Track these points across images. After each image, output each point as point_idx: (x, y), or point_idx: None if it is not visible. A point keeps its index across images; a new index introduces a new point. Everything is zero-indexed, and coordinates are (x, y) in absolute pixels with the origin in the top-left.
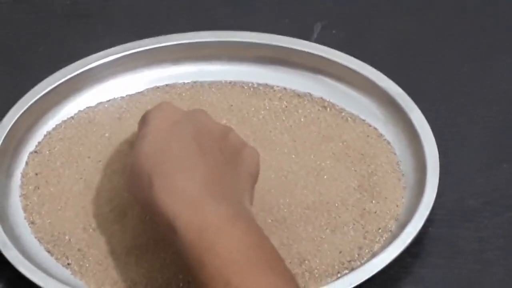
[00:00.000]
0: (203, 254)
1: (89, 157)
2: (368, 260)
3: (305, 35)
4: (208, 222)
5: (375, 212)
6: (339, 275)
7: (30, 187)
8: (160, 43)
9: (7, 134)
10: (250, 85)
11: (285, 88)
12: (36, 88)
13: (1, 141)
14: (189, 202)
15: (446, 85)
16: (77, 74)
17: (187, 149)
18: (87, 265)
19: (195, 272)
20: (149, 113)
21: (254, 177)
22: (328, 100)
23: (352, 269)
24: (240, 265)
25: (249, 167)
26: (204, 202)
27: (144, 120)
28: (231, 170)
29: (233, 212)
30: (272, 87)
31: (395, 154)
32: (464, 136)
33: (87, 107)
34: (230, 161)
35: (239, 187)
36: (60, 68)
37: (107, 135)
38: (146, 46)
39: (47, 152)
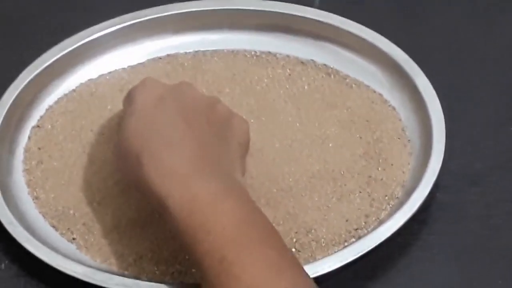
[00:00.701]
0: (196, 231)
1: (91, 130)
2: (375, 228)
3: (307, 1)
4: (199, 199)
5: (382, 179)
6: (346, 243)
7: (33, 162)
8: (161, 13)
9: (8, 109)
10: (252, 53)
11: (288, 56)
12: (37, 61)
13: (3, 116)
14: (179, 179)
15: (451, 49)
16: (78, 46)
17: (174, 125)
18: (92, 239)
19: (190, 250)
20: (133, 91)
21: (244, 147)
22: (332, 66)
23: (359, 238)
24: (234, 240)
25: (239, 137)
26: (194, 179)
27: (128, 98)
28: (220, 142)
29: (223, 187)
30: (275, 54)
31: (400, 120)
32: (470, 100)
33: (88, 80)
34: (219, 133)
35: (229, 159)
36: (61, 40)
37: (109, 107)
38: (146, 16)
39: (49, 126)
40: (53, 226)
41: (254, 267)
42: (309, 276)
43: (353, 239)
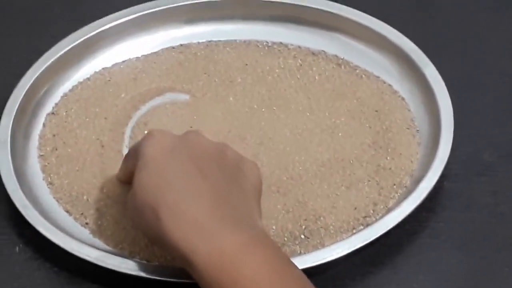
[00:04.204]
0: None
1: (105, 118)
2: (383, 216)
3: None
4: (227, 253)
5: (390, 169)
6: (354, 231)
7: (48, 148)
8: (175, 3)
9: (24, 95)
10: (264, 43)
11: (299, 46)
12: (52, 49)
13: (19, 103)
14: (202, 232)
15: (460, 39)
16: (93, 35)
17: (187, 175)
18: (105, 224)
19: None
20: (141, 144)
21: (258, 191)
22: (342, 57)
23: (367, 225)
24: None
25: (252, 180)
26: (218, 230)
27: (136, 152)
28: (235, 188)
29: (250, 236)
30: (286, 45)
31: (409, 110)
32: (478, 90)
33: (103, 68)
34: (232, 178)
35: (246, 204)
36: (76, 29)
37: (123, 95)
38: (160, 6)
39: (64, 113)
40: (67, 211)
41: None
42: None
43: (361, 227)
